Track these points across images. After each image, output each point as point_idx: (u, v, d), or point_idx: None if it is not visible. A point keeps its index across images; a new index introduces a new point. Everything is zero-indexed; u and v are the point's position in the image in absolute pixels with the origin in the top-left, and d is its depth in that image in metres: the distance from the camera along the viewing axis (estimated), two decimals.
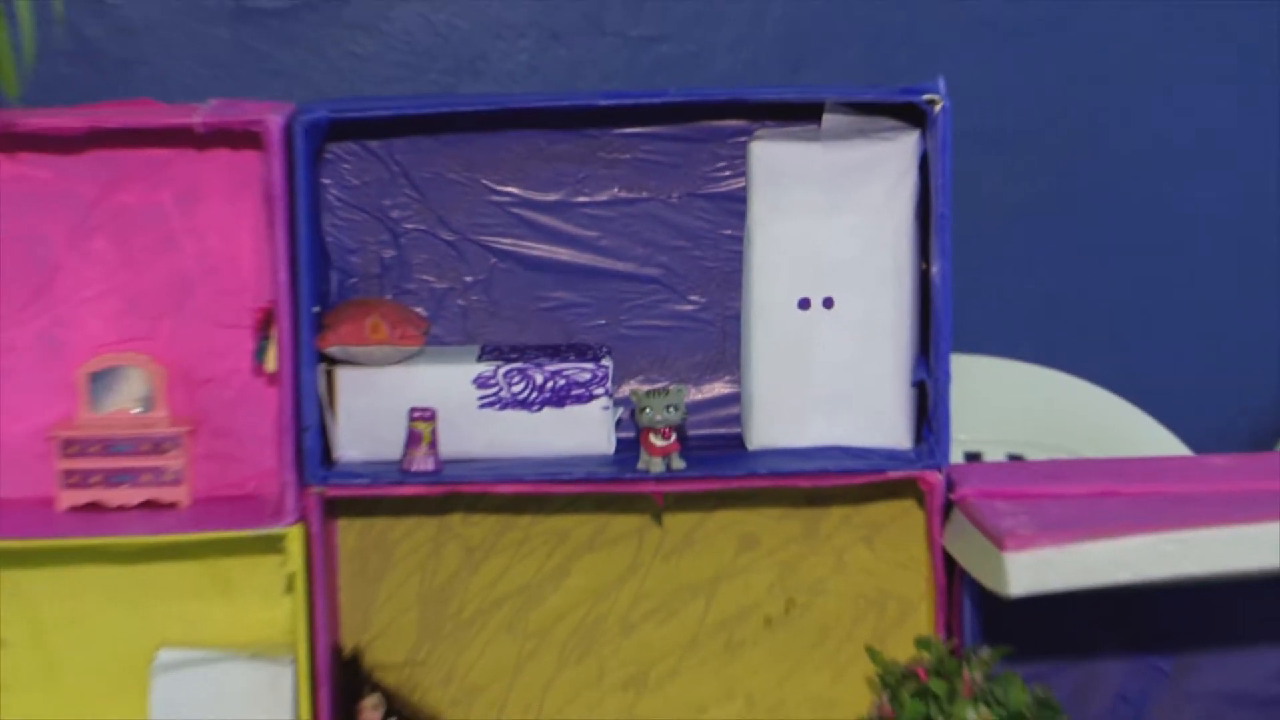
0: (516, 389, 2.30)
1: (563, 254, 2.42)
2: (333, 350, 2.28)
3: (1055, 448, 3.41)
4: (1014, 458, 3.22)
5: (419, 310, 2.39)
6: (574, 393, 2.30)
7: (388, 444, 2.27)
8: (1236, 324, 3.73)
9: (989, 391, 3.33)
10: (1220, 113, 3.60)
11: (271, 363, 2.23)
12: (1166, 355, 3.71)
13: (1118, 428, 3.58)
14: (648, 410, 2.22)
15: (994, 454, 3.32)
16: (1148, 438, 3.52)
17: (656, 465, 2.23)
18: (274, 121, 2.19)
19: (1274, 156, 3.58)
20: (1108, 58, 3.60)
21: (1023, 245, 3.49)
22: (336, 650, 2.32)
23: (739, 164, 2.37)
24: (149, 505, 2.29)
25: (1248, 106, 3.63)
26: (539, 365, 2.30)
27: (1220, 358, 3.72)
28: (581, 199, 2.41)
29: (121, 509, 2.29)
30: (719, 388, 2.41)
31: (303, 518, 2.22)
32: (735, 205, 2.38)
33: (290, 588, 2.23)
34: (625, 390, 2.37)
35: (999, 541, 2.02)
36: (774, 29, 3.58)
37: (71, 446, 2.29)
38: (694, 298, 2.42)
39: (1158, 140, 3.66)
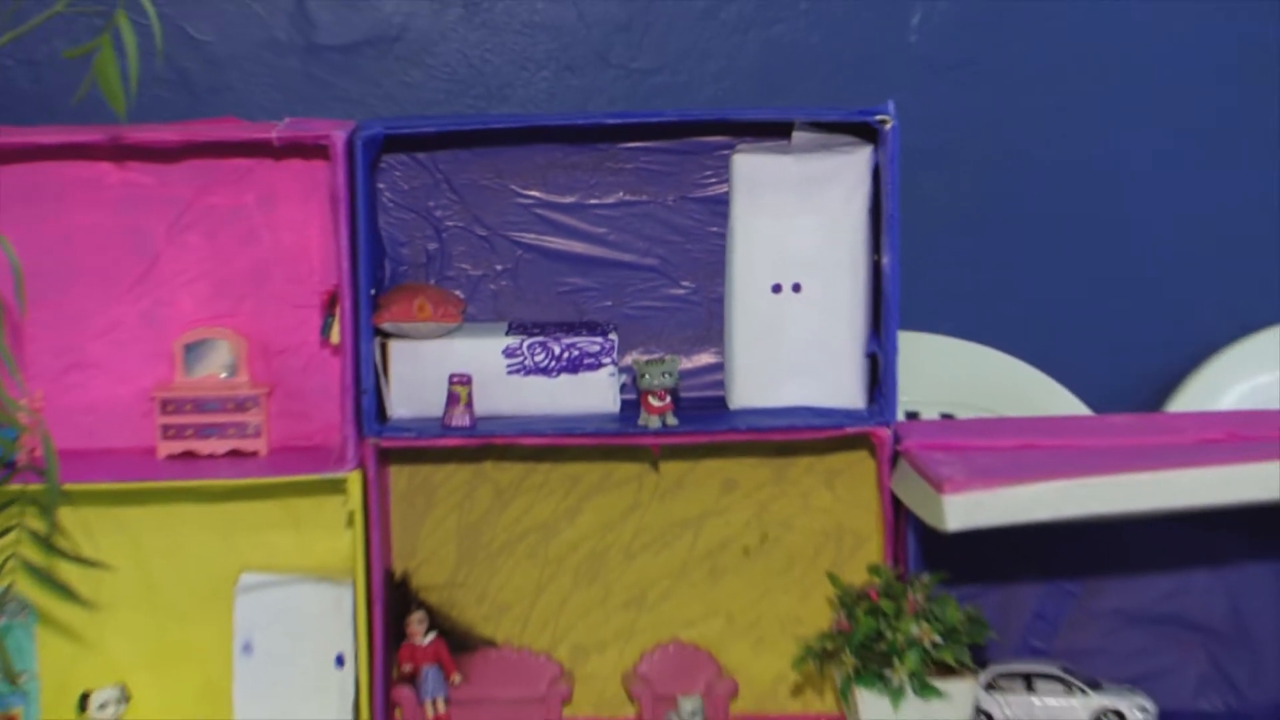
0: (538, 358, 2.32)
1: (577, 247, 2.44)
2: (386, 326, 2.30)
3: (980, 408, 3.42)
4: (946, 416, 3.24)
5: (458, 293, 2.41)
6: (585, 362, 2.32)
7: (431, 404, 2.30)
8: (1130, 307, 3.73)
9: (927, 362, 3.34)
10: (1113, 132, 3.61)
11: (335, 336, 2.25)
12: (1072, 332, 3.71)
13: (1032, 392, 3.59)
14: (646, 376, 2.25)
15: (930, 413, 3.34)
16: (1056, 401, 3.53)
17: (654, 422, 2.25)
18: (338, 136, 2.21)
19: (1159, 165, 3.58)
20: (1025, 87, 3.61)
21: (956, 241, 3.50)
22: (388, 574, 2.33)
23: (723, 173, 2.39)
24: (233, 454, 2.31)
25: (1135, 126, 3.64)
26: (556, 339, 2.33)
27: (1116, 334, 3.72)
28: (592, 201, 2.43)
29: (210, 457, 2.31)
30: (706, 358, 2.44)
31: (361, 465, 2.24)
32: (720, 207, 2.40)
33: (350, 523, 2.25)
34: (628, 360, 2.39)
35: (938, 486, 2.04)
36: (750, 63, 3.61)
37: (169, 405, 2.31)
38: (685, 283, 2.44)
39: (1065, 154, 3.67)
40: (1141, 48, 3.63)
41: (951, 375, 3.61)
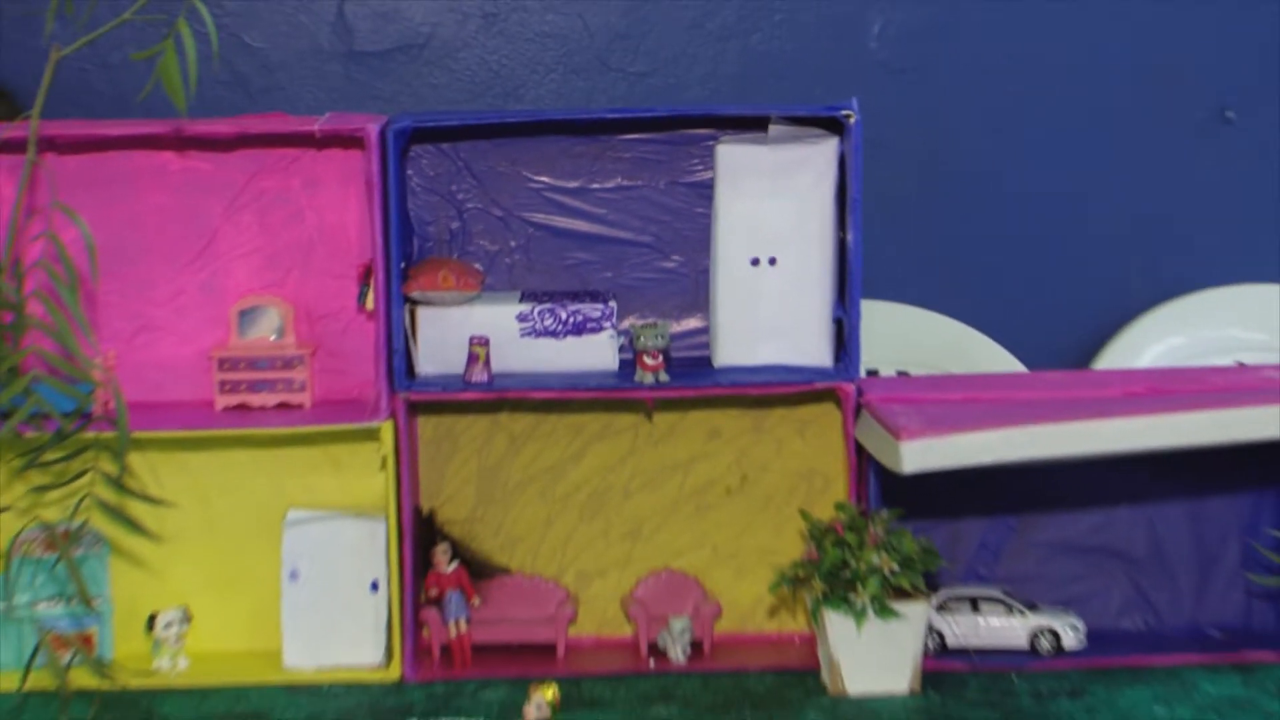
0: (547, 323, 2.30)
1: (581, 226, 2.42)
2: (414, 294, 2.29)
3: (932, 366, 3.42)
4: (902, 373, 3.23)
5: (477, 265, 2.39)
6: (588, 326, 2.31)
7: (454, 362, 2.28)
8: (1061, 277, 3.72)
9: (885, 326, 3.34)
10: (1044, 124, 3.60)
11: (370, 303, 2.23)
12: (1011, 299, 3.71)
13: (976, 352, 3.59)
14: (641, 338, 2.23)
15: (888, 370, 3.34)
16: (997, 359, 3.55)
17: (648, 378, 2.23)
18: (372, 129, 2.19)
19: (1085, 154, 3.57)
20: (967, 87, 3.61)
21: (910, 220, 3.48)
22: (417, 511, 2.31)
23: (708, 161, 2.36)
24: (281, 406, 2.29)
25: (1062, 118, 3.63)
26: (563, 306, 2.31)
27: (1049, 301, 3.72)
28: (594, 186, 2.41)
29: (261, 409, 2.29)
30: (693, 322, 2.41)
31: (392, 415, 2.22)
32: (705, 191, 2.37)
33: (383, 466, 2.24)
34: (625, 324, 2.36)
35: (895, 433, 2.03)
36: (731, 66, 3.59)
37: (225, 363, 2.29)
38: (675, 257, 2.42)
39: (1004, 144, 3.68)
40: (1067, 51, 3.65)
41: (906, 338, 3.61)
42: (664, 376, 2.24)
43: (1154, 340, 3.71)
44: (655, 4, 3.71)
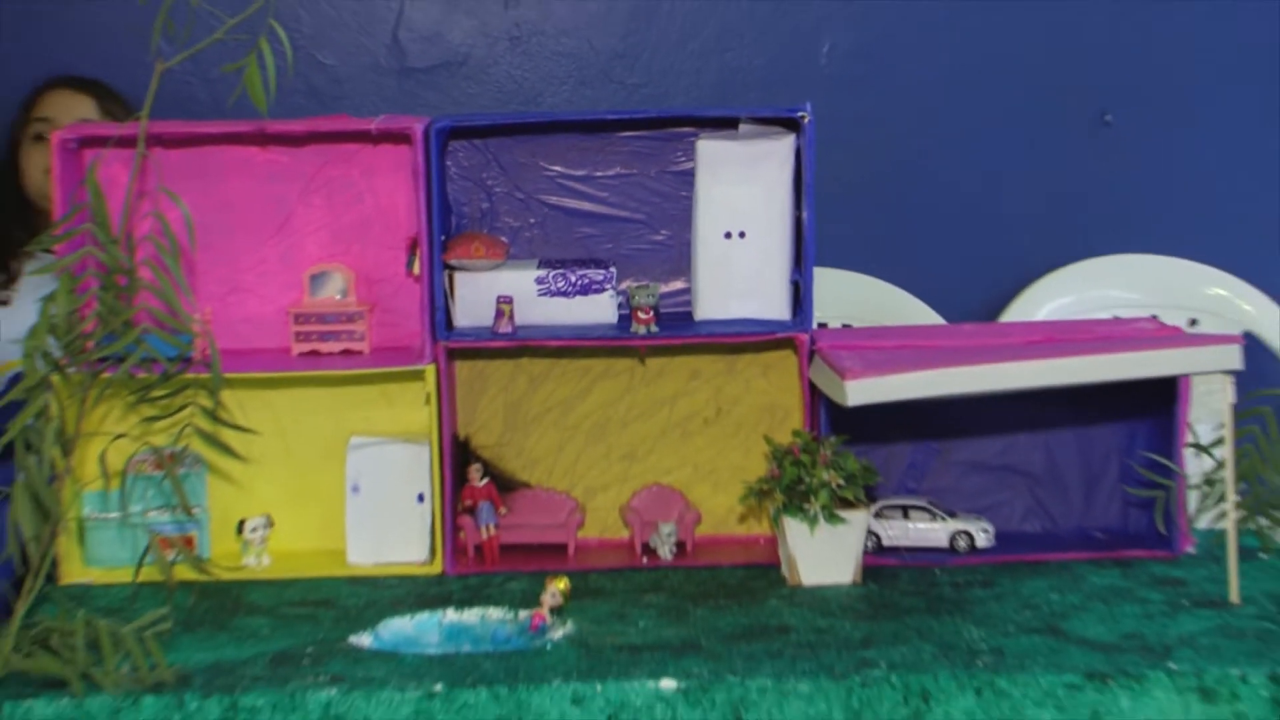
0: (559, 285, 2.27)
1: (587, 206, 2.39)
2: (452, 262, 2.26)
3: (869, 320, 3.43)
4: (846, 325, 3.23)
5: (503, 238, 2.36)
6: (593, 287, 2.28)
7: (484, 317, 2.25)
8: (973, 247, 3.73)
9: (833, 287, 3.35)
10: (963, 123, 3.59)
11: (416, 269, 2.22)
12: (933, 266, 3.72)
13: (904, 308, 3.66)
14: (636, 297, 2.21)
15: (835, 323, 3.35)
16: (922, 314, 3.56)
17: (641, 330, 2.21)
18: (418, 128, 2.17)
19: (993, 148, 3.58)
20: (899, 93, 3.61)
21: (852, 202, 3.46)
22: (454, 437, 2.29)
23: (690, 154, 2.33)
24: (345, 352, 2.27)
25: (976, 116, 3.63)
26: (572, 271, 2.28)
27: (964, 267, 3.73)
28: (598, 174, 2.39)
29: (329, 354, 2.27)
30: (678, 284, 2.39)
31: (434, 360, 2.20)
32: (688, 178, 2.34)
33: (427, 401, 2.20)
34: (623, 286, 2.33)
35: (841, 374, 2.00)
36: (710, 78, 3.60)
37: (300, 318, 2.26)
38: (664, 232, 2.39)
39: (928, 139, 3.70)
40: (978, 64, 3.68)
41: (850, 296, 3.62)
42: (654, 328, 2.22)
43: (1048, 299, 3.73)
44: (648, 29, 3.72)
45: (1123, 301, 3.68)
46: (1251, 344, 2.09)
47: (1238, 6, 3.77)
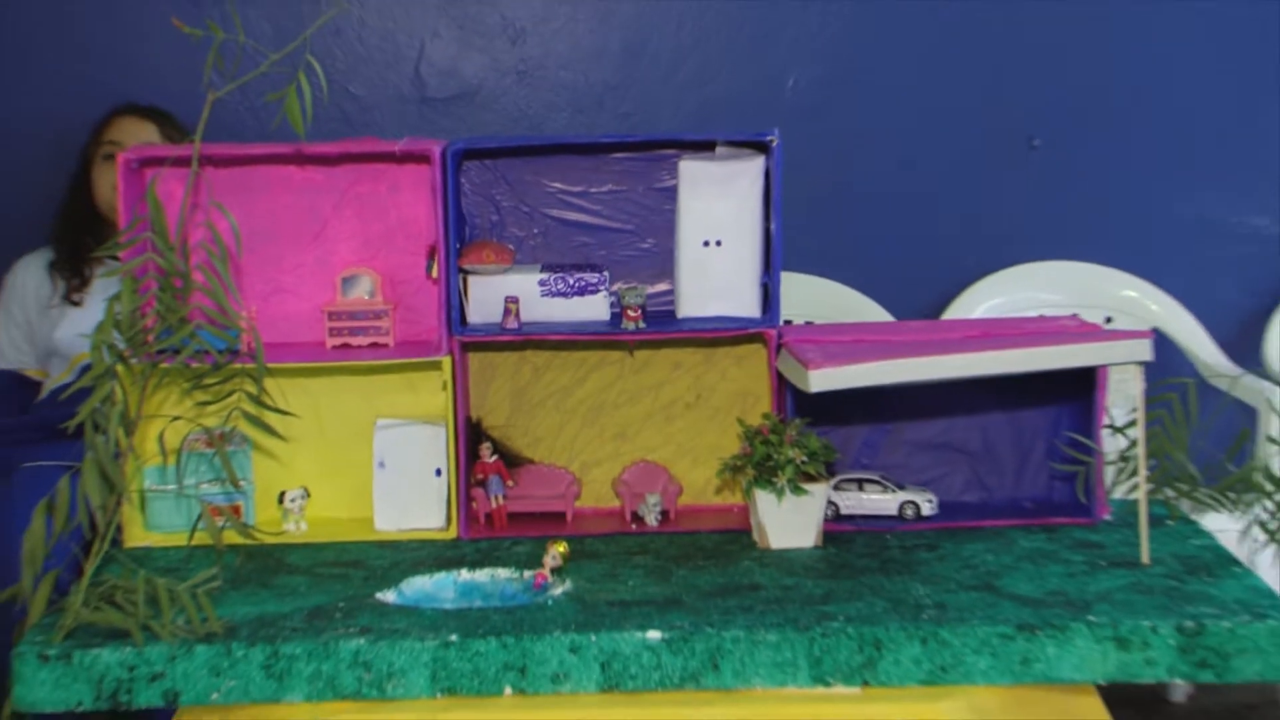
0: (559, 286, 2.26)
1: (583, 218, 2.37)
2: (466, 266, 2.24)
3: (829, 317, 3.42)
4: (808, 322, 3.22)
5: (510, 246, 2.33)
6: (588, 288, 2.26)
7: (494, 314, 2.23)
8: (918, 254, 3.76)
9: (796, 289, 3.35)
10: (910, 145, 3.62)
11: (435, 273, 2.20)
12: (883, 270, 3.73)
13: (858, 308, 3.69)
14: (626, 297, 2.20)
15: (799, 320, 3.33)
16: (874, 313, 3.57)
17: (630, 326, 2.19)
18: (437, 150, 2.15)
19: (933, 170, 3.59)
20: (853, 121, 3.62)
21: (814, 214, 3.45)
22: (468, 419, 2.28)
23: (674, 173, 2.31)
24: (373, 345, 2.25)
25: (920, 140, 3.66)
26: (571, 274, 2.26)
27: (910, 271, 3.74)
28: (593, 190, 2.36)
29: (358, 347, 2.25)
30: (663, 286, 2.37)
31: (450, 352, 2.18)
32: (671, 194, 2.32)
33: (444, 387, 2.19)
34: (615, 287, 2.31)
35: (805, 364, 1.99)
36: (690, 108, 3.62)
37: (333, 315, 2.25)
38: (650, 240, 2.37)
39: (878, 160, 3.73)
40: (923, 95, 3.68)
41: (811, 297, 3.64)
42: (642, 325, 2.20)
43: (983, 299, 3.75)
44: (636, 65, 3.72)
45: (1047, 302, 3.70)
46: (1159, 339, 2.10)
47: (1147, 50, 3.79)
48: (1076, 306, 3.61)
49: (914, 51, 3.73)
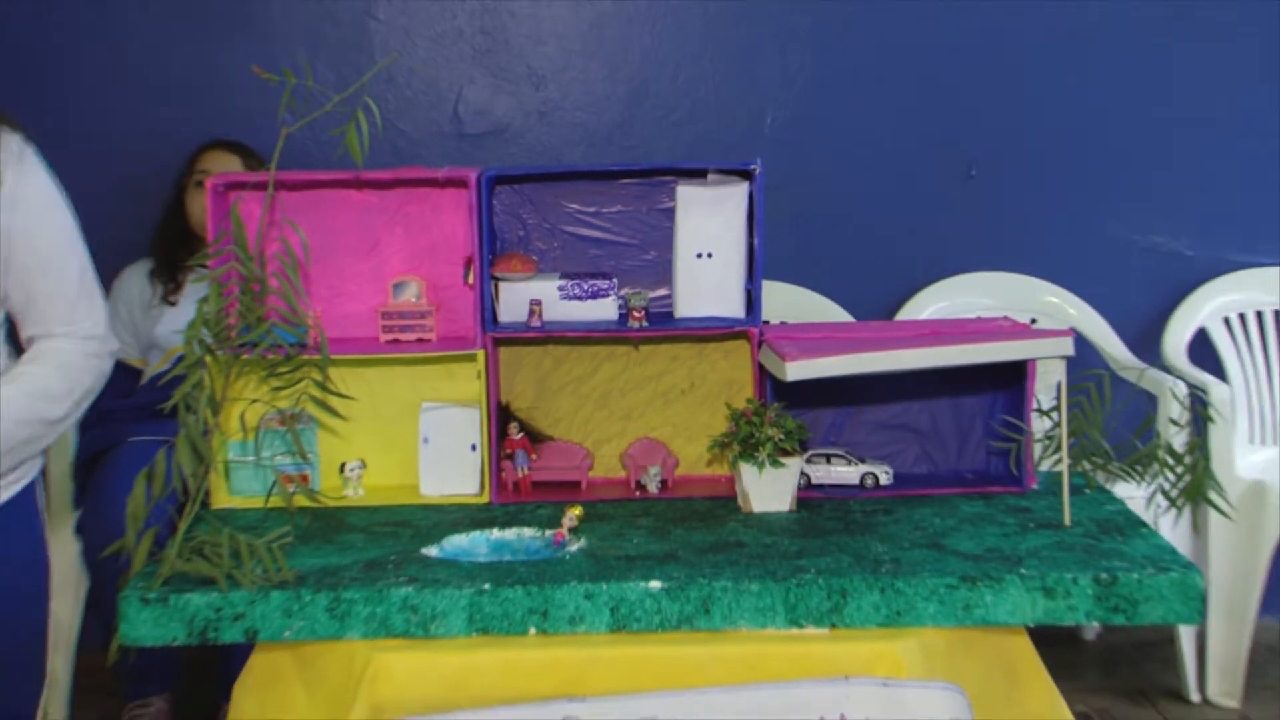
0: (575, 291, 2.23)
1: (595, 234, 2.34)
2: (497, 274, 2.21)
3: (801, 318, 3.39)
4: (783, 322, 3.19)
5: (534, 257, 2.31)
6: (600, 293, 2.24)
7: (521, 314, 2.21)
8: (873, 264, 3.77)
9: (774, 294, 3.34)
10: (861, 174, 3.64)
11: (471, 279, 2.18)
12: (846, 278, 3.74)
13: (824, 310, 3.65)
14: (631, 300, 2.18)
15: (775, 320, 3.31)
16: (838, 314, 3.55)
17: (635, 325, 2.18)
18: (472, 176, 2.13)
19: (881, 196, 3.61)
20: (818, 152, 3.62)
21: (788, 231, 3.44)
22: (498, 403, 2.25)
23: (672, 195, 2.28)
24: (418, 340, 2.23)
25: (871, 172, 3.67)
26: (585, 281, 2.24)
27: (868, 279, 3.74)
28: (604, 210, 2.33)
29: (407, 342, 2.23)
30: (662, 291, 2.33)
31: (484, 346, 2.16)
32: (670, 214, 2.29)
33: (479, 376, 2.17)
34: (622, 292, 2.29)
35: (783, 357, 1.98)
36: (686, 141, 3.61)
37: (385, 315, 2.22)
38: (653, 252, 2.34)
39: (838, 186, 3.70)
40: (878, 129, 3.66)
41: (786, 301, 3.62)
42: (645, 324, 2.19)
43: (930, 303, 3.74)
44: (639, 107, 3.72)
45: (983, 306, 3.70)
46: (1077, 338, 2.10)
47: (1066, 95, 3.82)
48: (1007, 310, 3.60)
49: (871, 96, 3.74)
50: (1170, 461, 2.06)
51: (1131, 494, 2.28)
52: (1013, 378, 2.20)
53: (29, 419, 1.91)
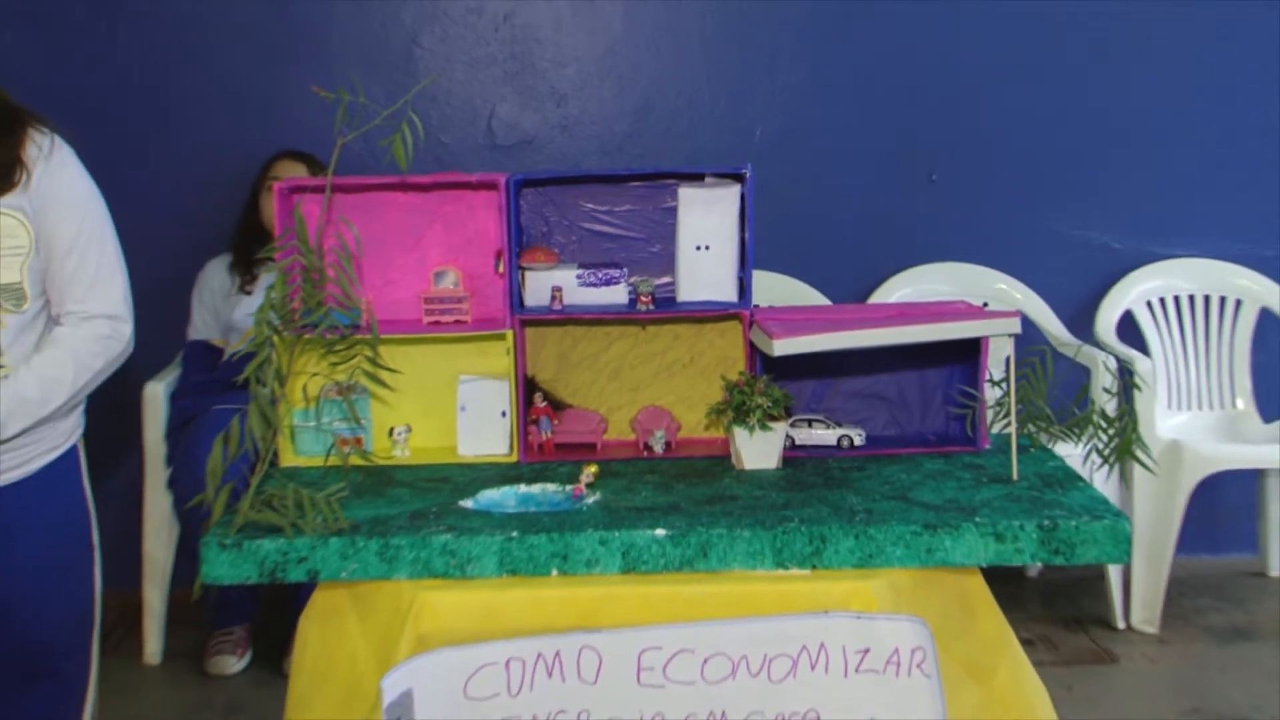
0: (591, 279, 2.19)
1: (609, 230, 2.29)
2: (523, 264, 2.17)
3: (785, 302, 3.38)
4: (770, 305, 3.18)
5: (555, 250, 2.26)
6: (612, 280, 2.19)
7: (544, 299, 2.16)
8: (849, 257, 3.77)
9: (763, 281, 3.31)
10: (837, 178, 3.63)
11: (501, 269, 2.14)
12: (823, 268, 3.73)
13: (804, 294, 3.64)
14: (639, 287, 2.14)
15: (764, 303, 3.28)
16: (815, 298, 3.54)
17: (643, 308, 2.14)
18: (502, 180, 2.08)
19: (856, 195, 3.60)
20: (798, 159, 3.61)
21: (773, 227, 3.43)
22: (524, 375, 2.21)
23: (674, 196, 2.23)
24: (456, 322, 2.18)
25: (845, 177, 3.67)
26: (599, 270, 2.19)
27: (843, 268, 3.74)
28: (616, 209, 2.28)
29: (446, 323, 2.18)
30: (666, 279, 2.28)
31: (512, 327, 2.12)
32: (673, 211, 2.23)
33: (508, 353, 2.13)
34: (632, 280, 2.24)
35: (770, 335, 1.94)
36: (685, 151, 3.60)
37: (428, 300, 2.18)
38: (658, 245, 2.28)
39: (816, 188, 3.69)
40: (851, 139, 3.63)
41: (772, 287, 3.58)
42: (651, 307, 2.14)
43: (897, 289, 3.72)
44: (646, 121, 3.69)
45: (942, 292, 3.68)
46: (1023, 319, 2.07)
47: (1011, 109, 3.81)
48: (962, 294, 3.57)
49: (846, 111, 3.73)
50: (1103, 425, 2.03)
51: (1070, 452, 2.24)
52: (968, 353, 2.16)
53: (37, 398, 1.88)
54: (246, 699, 3.22)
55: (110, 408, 3.37)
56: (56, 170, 1.88)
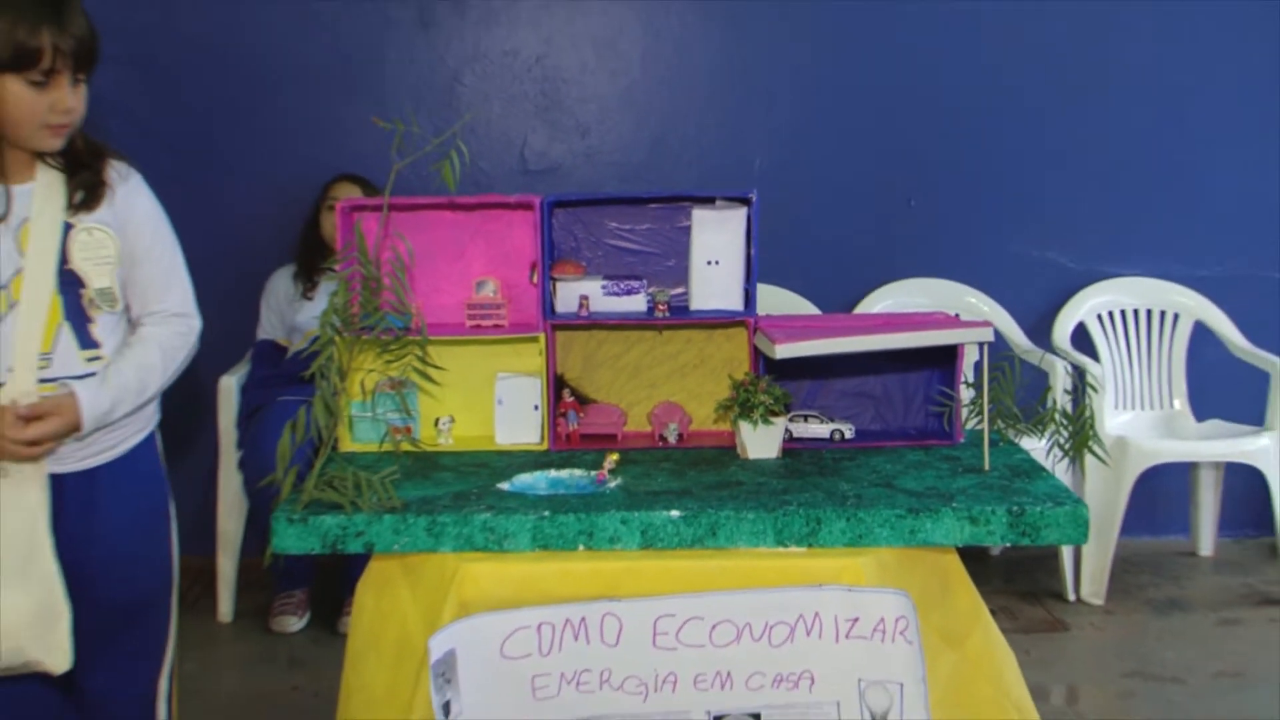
0: (614, 289, 2.16)
1: (630, 246, 2.26)
2: (555, 276, 2.15)
3: (784, 311, 3.37)
4: (769, 314, 3.17)
5: (583, 263, 2.24)
6: (633, 291, 2.17)
7: (572, 307, 2.14)
8: (837, 273, 3.76)
9: (765, 294, 3.29)
10: (828, 201, 3.61)
11: (535, 280, 2.12)
12: (815, 283, 3.71)
13: (797, 304, 3.62)
14: (656, 297, 2.12)
15: (765, 313, 3.27)
16: (808, 308, 3.53)
17: (659, 315, 2.11)
18: (537, 201, 2.06)
19: (839, 213, 3.57)
20: (795, 184, 3.59)
21: (772, 245, 3.42)
22: (555, 373, 2.18)
23: (688, 217, 2.21)
24: (494, 326, 2.15)
25: (834, 201, 3.64)
26: (621, 281, 2.17)
27: (832, 283, 3.72)
28: (637, 227, 2.26)
29: (486, 327, 2.15)
30: (680, 290, 2.26)
31: (545, 331, 2.09)
32: (686, 230, 2.22)
33: (540, 353, 2.10)
34: (650, 290, 2.21)
35: (773, 340, 1.92)
36: (695, 177, 3.56)
37: (470, 307, 2.15)
38: (673, 260, 2.26)
39: (808, 212, 3.68)
40: (839, 167, 3.60)
41: (770, 298, 3.56)
42: (667, 315, 2.12)
43: (880, 301, 3.69)
44: (663, 150, 3.67)
45: (919, 303, 3.66)
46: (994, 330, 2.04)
47: (982, 139, 3.80)
48: (938, 307, 3.55)
49: (835, 143, 3.71)
50: (1064, 422, 2.01)
51: (1034, 446, 2.22)
52: (946, 358, 2.13)
53: (136, 386, 1.88)
54: (305, 654, 3.21)
55: (189, 398, 3.37)
56: (133, 192, 1.92)
